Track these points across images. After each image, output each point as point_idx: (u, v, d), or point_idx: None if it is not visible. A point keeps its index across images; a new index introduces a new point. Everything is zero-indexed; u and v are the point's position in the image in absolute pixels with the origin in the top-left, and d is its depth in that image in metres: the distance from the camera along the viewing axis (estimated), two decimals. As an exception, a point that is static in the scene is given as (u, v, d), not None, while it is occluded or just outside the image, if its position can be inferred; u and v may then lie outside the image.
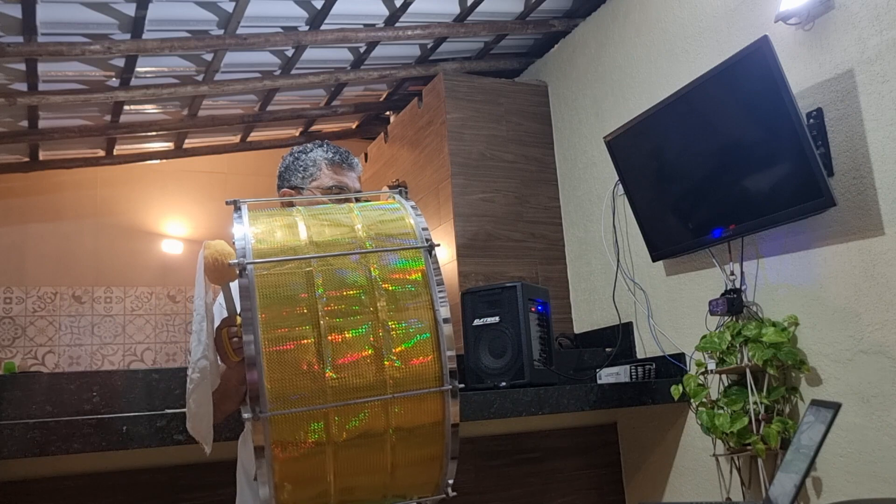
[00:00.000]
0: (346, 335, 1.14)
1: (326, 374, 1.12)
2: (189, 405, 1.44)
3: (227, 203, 1.32)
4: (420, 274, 1.21)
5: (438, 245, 1.25)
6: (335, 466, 1.14)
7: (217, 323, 1.44)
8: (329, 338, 1.13)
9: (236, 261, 1.16)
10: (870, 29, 2.08)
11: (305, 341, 1.13)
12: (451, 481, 1.22)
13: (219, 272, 1.35)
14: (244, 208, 1.30)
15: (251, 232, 1.24)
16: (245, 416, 1.09)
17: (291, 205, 1.76)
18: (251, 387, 1.09)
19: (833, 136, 2.17)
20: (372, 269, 1.20)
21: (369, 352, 1.14)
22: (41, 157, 4.54)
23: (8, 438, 1.66)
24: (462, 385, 1.19)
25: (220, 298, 1.49)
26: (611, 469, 2.96)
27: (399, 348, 1.15)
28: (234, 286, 1.42)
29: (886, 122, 2.04)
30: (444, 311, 1.18)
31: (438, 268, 1.21)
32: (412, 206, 1.32)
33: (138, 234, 5.01)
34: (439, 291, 1.19)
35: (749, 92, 2.23)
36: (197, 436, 1.49)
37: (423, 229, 1.26)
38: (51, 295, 4.76)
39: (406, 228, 1.28)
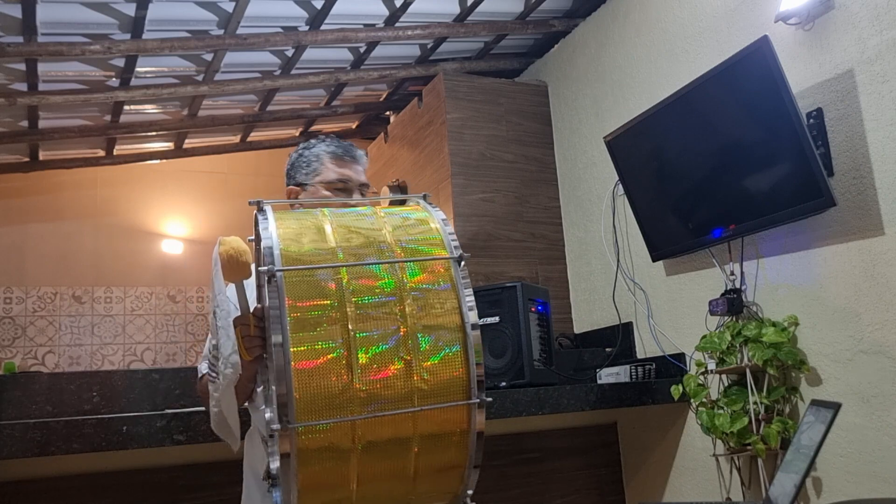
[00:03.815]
0: (377, 347, 1.13)
1: (355, 386, 1.10)
2: (218, 401, 1.41)
3: (249, 203, 1.27)
4: (450, 284, 1.20)
5: (469, 255, 1.23)
6: (358, 473, 1.13)
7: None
8: (359, 349, 1.11)
9: (266, 268, 1.12)
10: (870, 29, 2.08)
11: (335, 353, 1.11)
12: (470, 492, 1.21)
13: (234, 269, 1.32)
14: (269, 209, 1.25)
15: (279, 235, 1.19)
16: (274, 426, 1.06)
17: (298, 204, 1.75)
18: (280, 397, 1.07)
19: (833, 136, 2.17)
20: (404, 277, 1.18)
21: (399, 365, 1.13)
22: (41, 157, 4.54)
23: (8, 438, 1.66)
24: (490, 399, 1.18)
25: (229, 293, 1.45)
26: (611, 469, 2.96)
27: (428, 361, 1.14)
28: (249, 283, 1.40)
29: (886, 122, 2.04)
30: (473, 319, 1.17)
31: (468, 277, 1.21)
32: (442, 219, 1.29)
33: (138, 234, 5.01)
34: (468, 301, 1.18)
35: (749, 92, 2.23)
36: (221, 434, 1.47)
37: (452, 239, 1.24)
38: (51, 295, 4.76)
39: (434, 236, 1.26)
